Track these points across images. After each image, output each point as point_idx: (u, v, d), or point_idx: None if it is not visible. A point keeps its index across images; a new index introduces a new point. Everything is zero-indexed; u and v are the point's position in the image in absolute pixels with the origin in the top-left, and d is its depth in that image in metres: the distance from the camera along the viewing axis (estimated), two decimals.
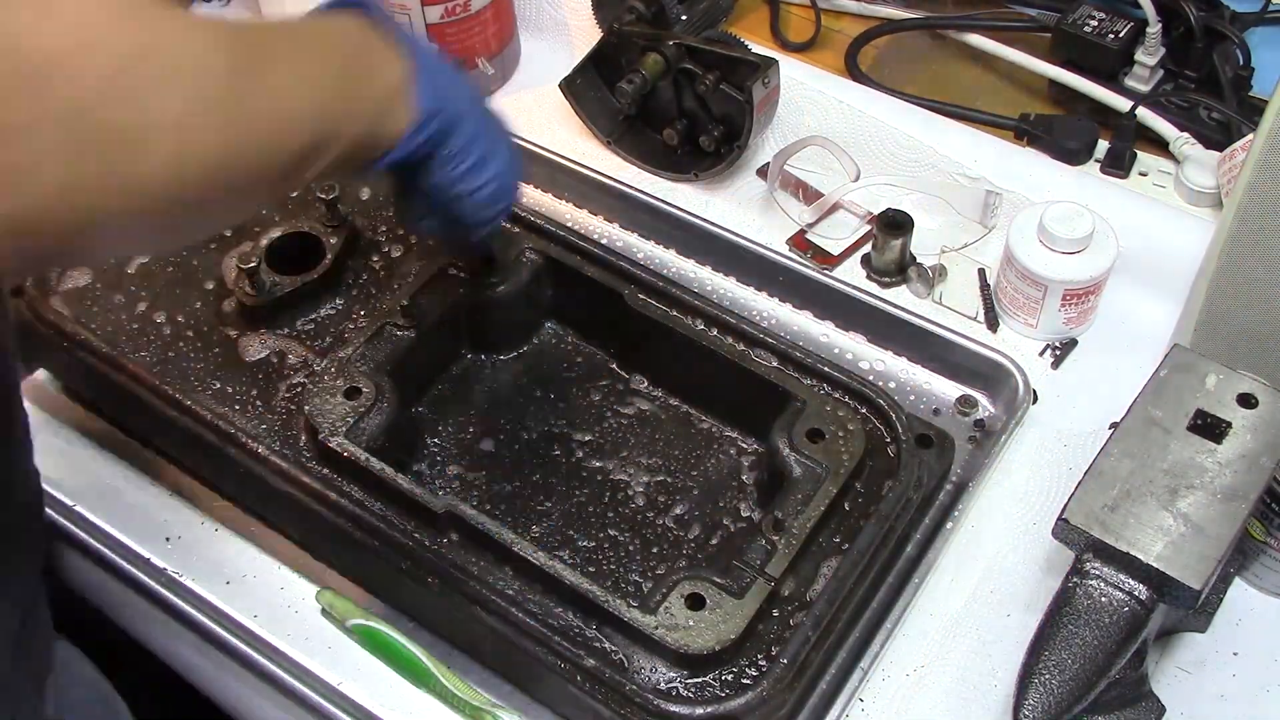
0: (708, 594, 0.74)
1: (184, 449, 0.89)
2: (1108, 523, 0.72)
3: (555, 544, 0.85)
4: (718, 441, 0.90)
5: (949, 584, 0.84)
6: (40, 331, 0.89)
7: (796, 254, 1.03)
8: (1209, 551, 0.71)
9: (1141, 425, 0.76)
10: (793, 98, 1.10)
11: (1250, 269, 0.81)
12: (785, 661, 0.73)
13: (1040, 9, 1.20)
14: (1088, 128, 1.10)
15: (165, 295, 0.92)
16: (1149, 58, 1.11)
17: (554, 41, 1.20)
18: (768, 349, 0.87)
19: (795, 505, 0.79)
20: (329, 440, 0.81)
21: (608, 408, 0.92)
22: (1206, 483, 0.73)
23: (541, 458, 0.89)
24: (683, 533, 0.85)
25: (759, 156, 1.09)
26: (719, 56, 1.03)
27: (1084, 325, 0.97)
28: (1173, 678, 0.80)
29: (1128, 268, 0.97)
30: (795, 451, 0.81)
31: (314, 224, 0.92)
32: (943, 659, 0.81)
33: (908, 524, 0.82)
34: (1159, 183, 1.07)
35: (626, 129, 1.11)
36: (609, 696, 0.73)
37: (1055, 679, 0.71)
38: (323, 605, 0.82)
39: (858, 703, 0.79)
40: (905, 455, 0.82)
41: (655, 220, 1.05)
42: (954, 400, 0.94)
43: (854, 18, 1.24)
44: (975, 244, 1.03)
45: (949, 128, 1.09)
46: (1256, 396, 0.76)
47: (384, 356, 0.86)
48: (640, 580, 0.83)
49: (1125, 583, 0.72)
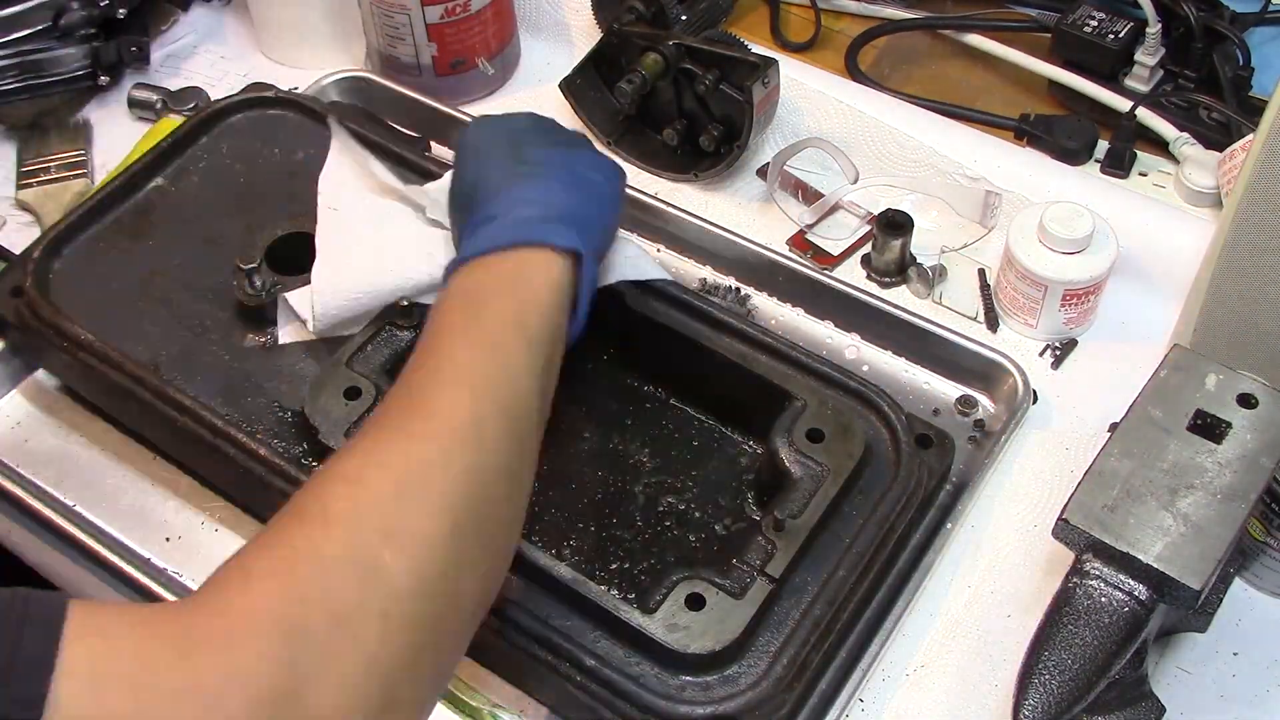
0: (708, 594, 0.74)
1: (184, 449, 0.89)
2: (1108, 523, 0.72)
3: (555, 544, 0.85)
4: (718, 441, 0.90)
5: (949, 584, 0.84)
6: (40, 331, 0.89)
7: (796, 254, 1.03)
8: (1209, 551, 0.71)
9: (1141, 425, 0.76)
10: (792, 98, 1.10)
11: (1250, 269, 0.81)
12: (785, 661, 0.73)
13: (1040, 9, 1.20)
14: (1088, 128, 1.10)
15: (165, 295, 0.92)
16: (1149, 58, 1.11)
17: (554, 41, 1.20)
18: (768, 349, 0.87)
19: (795, 505, 0.79)
20: (329, 440, 0.81)
21: (607, 408, 0.92)
22: (1206, 483, 0.73)
23: (541, 458, 0.89)
24: (683, 533, 0.85)
25: (759, 157, 1.09)
26: (719, 56, 1.03)
27: (1084, 325, 0.97)
28: (1173, 678, 0.80)
29: (1128, 268, 0.97)
30: (795, 452, 0.81)
31: (314, 224, 0.92)
32: (943, 659, 0.81)
33: (908, 524, 0.81)
34: (1159, 183, 1.07)
35: (626, 129, 1.11)
36: (609, 697, 0.73)
37: (1055, 679, 0.71)
38: None
39: (858, 703, 0.79)
40: (905, 455, 0.82)
41: (655, 220, 1.05)
42: (954, 400, 0.94)
43: (854, 18, 1.24)
44: (975, 244, 1.03)
45: (949, 128, 1.09)
46: (1256, 396, 0.76)
47: (384, 356, 0.86)
48: (640, 580, 0.83)
49: (1125, 583, 0.72)
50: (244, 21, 1.23)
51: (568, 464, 0.89)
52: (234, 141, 1.01)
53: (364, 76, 1.15)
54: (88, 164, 1.11)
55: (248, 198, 0.97)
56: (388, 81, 1.14)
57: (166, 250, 0.94)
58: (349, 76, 1.15)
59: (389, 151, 0.99)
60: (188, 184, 0.98)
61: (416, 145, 1.08)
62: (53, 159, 1.11)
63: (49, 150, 1.12)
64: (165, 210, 0.97)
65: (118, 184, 0.97)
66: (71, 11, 1.11)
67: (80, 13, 1.11)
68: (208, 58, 1.21)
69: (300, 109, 1.03)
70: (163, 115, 1.14)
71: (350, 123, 1.00)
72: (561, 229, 0.75)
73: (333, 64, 1.16)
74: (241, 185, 0.98)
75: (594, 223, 0.80)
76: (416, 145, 1.08)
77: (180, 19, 1.24)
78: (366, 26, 1.13)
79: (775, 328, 0.97)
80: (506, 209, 0.76)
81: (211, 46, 1.22)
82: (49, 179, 1.10)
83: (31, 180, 1.09)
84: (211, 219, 0.96)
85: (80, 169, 1.10)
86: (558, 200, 0.78)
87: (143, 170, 0.98)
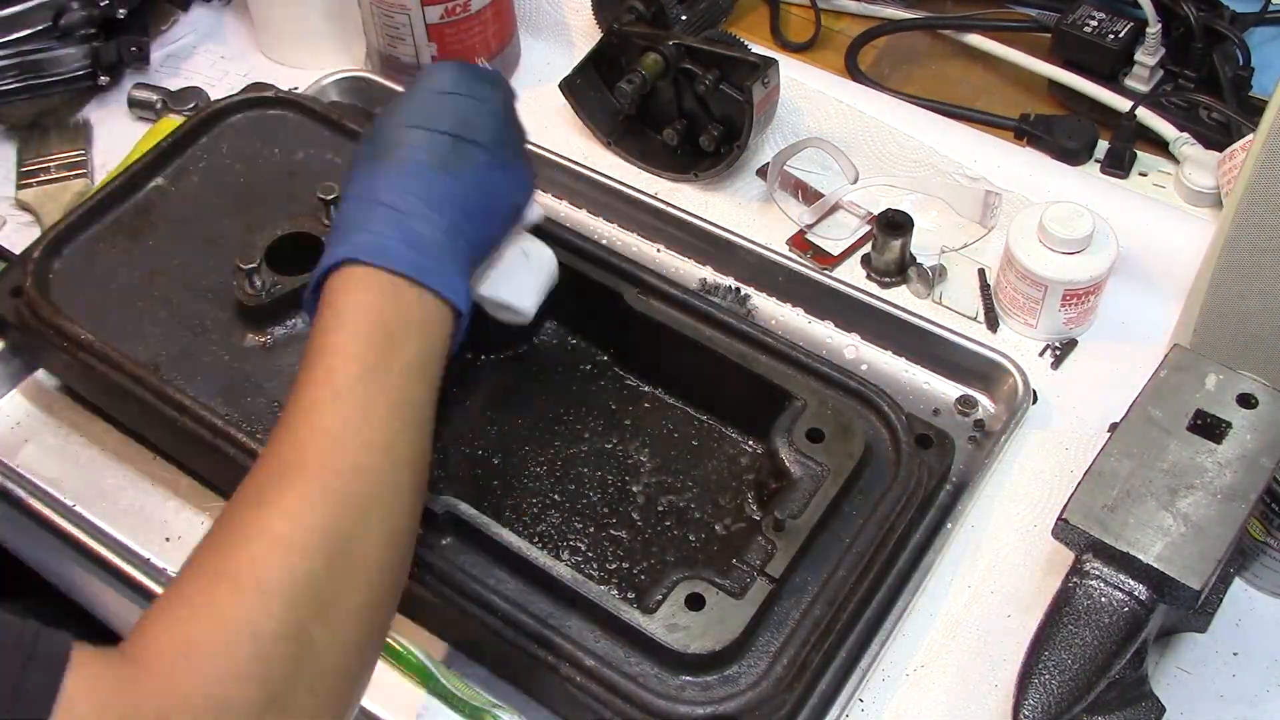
0: (708, 594, 0.74)
1: (184, 449, 0.89)
2: (1107, 523, 0.72)
3: (555, 544, 0.85)
4: (718, 441, 0.90)
5: (949, 584, 0.84)
6: (40, 331, 0.88)
7: (796, 254, 1.03)
8: (1209, 551, 0.71)
9: (1141, 425, 0.76)
10: (792, 98, 1.10)
11: (1250, 269, 0.81)
12: (785, 661, 0.73)
13: (1040, 9, 1.20)
14: (1088, 128, 1.10)
15: (165, 295, 0.92)
16: (1149, 58, 1.11)
17: (554, 41, 1.20)
18: (768, 349, 0.87)
19: (795, 505, 0.79)
20: None
21: (607, 408, 0.92)
22: (1206, 483, 0.73)
23: (541, 458, 0.89)
24: (683, 533, 0.85)
25: (759, 157, 1.09)
26: (719, 56, 1.03)
27: (1084, 325, 0.97)
28: (1173, 678, 0.80)
29: (1128, 268, 0.97)
30: (795, 452, 0.81)
31: (314, 224, 0.92)
32: (943, 659, 0.81)
33: (908, 524, 0.81)
34: (1159, 183, 1.07)
35: (626, 129, 1.11)
36: (609, 697, 0.73)
37: (1055, 679, 0.71)
38: None
39: (858, 703, 0.79)
40: (905, 455, 0.82)
41: (655, 220, 1.05)
42: (954, 400, 0.94)
43: (854, 18, 1.24)
44: (975, 244, 1.03)
45: (949, 128, 1.09)
46: (1256, 396, 0.76)
47: None
48: (640, 580, 0.83)
49: (1125, 583, 0.72)
50: (244, 21, 1.23)
51: (568, 464, 0.89)
52: (234, 141, 1.01)
53: (364, 76, 1.15)
54: (88, 164, 1.11)
55: (248, 198, 0.97)
56: (388, 81, 1.14)
57: (166, 250, 0.94)
58: (349, 76, 1.15)
59: None
60: (188, 184, 0.98)
61: None
62: (53, 159, 1.11)
63: (49, 150, 1.12)
64: (165, 210, 0.97)
65: (118, 184, 0.97)
66: (71, 11, 1.11)
67: (80, 13, 1.11)
68: (208, 58, 1.21)
69: (300, 109, 1.03)
70: (163, 115, 1.14)
71: (350, 123, 1.01)
72: (458, 280, 0.73)
73: (333, 64, 1.16)
74: (241, 185, 0.98)
75: (481, 252, 0.78)
76: None
77: (180, 19, 1.24)
78: (366, 26, 1.13)
79: (775, 328, 0.97)
80: (424, 214, 0.72)
81: (211, 46, 1.22)
82: (49, 179, 1.10)
83: (31, 180, 1.10)
84: (211, 219, 0.96)
85: (80, 169, 1.10)
86: (466, 230, 0.74)
87: (143, 170, 0.98)
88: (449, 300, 0.72)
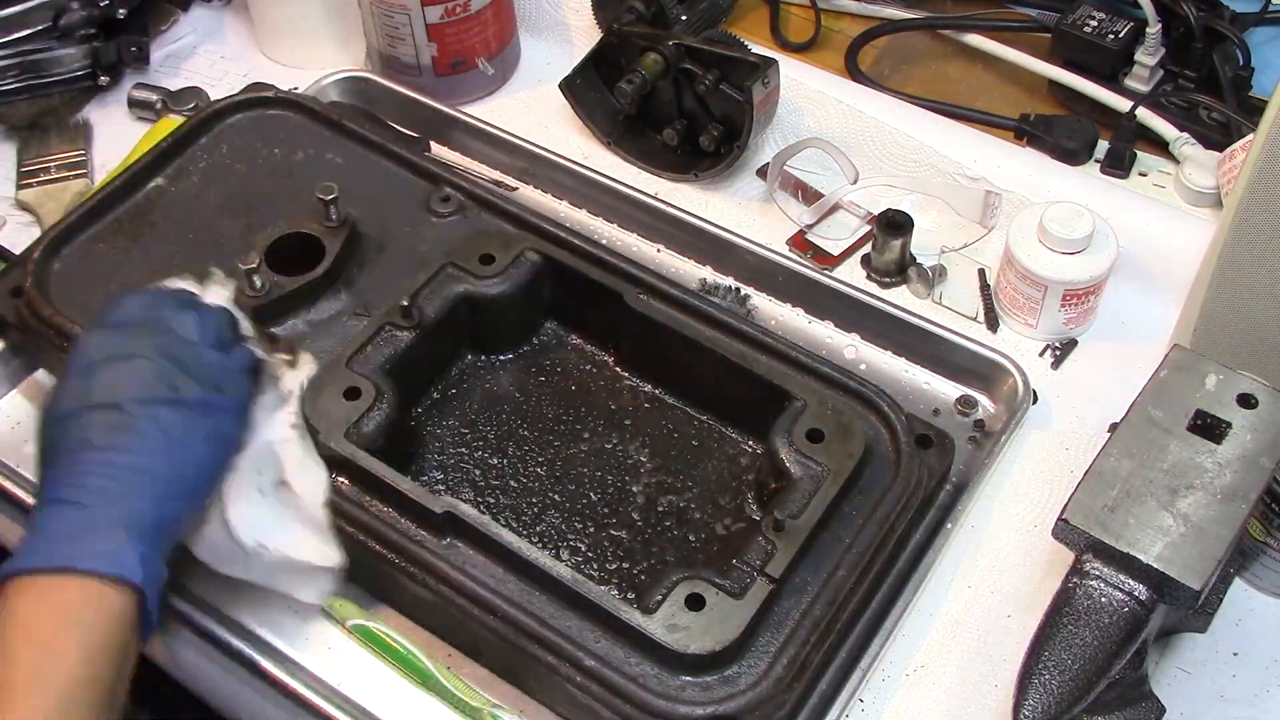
0: (708, 594, 0.74)
1: None
2: (1108, 523, 0.72)
3: (555, 544, 0.85)
4: (718, 441, 0.90)
5: (949, 584, 0.84)
6: (40, 331, 0.88)
7: (796, 254, 1.03)
8: (1209, 551, 0.71)
9: (1141, 425, 0.76)
10: (792, 98, 1.10)
11: (1250, 269, 0.81)
12: (785, 662, 0.73)
13: (1040, 9, 1.20)
14: (1088, 128, 1.10)
15: None
16: (1149, 58, 1.11)
17: (554, 41, 1.20)
18: (768, 349, 0.87)
19: (795, 505, 0.79)
20: (328, 440, 0.80)
21: (607, 408, 0.92)
22: (1206, 483, 0.73)
23: (541, 458, 0.89)
24: (683, 533, 0.85)
25: (759, 157, 1.09)
26: (719, 56, 1.03)
27: (1084, 325, 0.97)
28: (1173, 678, 0.80)
29: (1128, 268, 0.97)
30: (795, 452, 0.81)
31: (314, 224, 0.92)
32: (943, 659, 0.81)
33: (908, 524, 0.81)
34: (1159, 183, 1.07)
35: (626, 129, 1.11)
36: (609, 697, 0.73)
37: (1055, 679, 0.71)
38: (323, 606, 0.82)
39: (858, 703, 0.79)
40: (905, 456, 0.82)
41: (655, 220, 1.05)
42: (954, 400, 0.94)
43: (854, 18, 1.24)
44: (975, 244, 1.03)
45: (949, 128, 1.09)
46: (1256, 396, 0.76)
47: (384, 356, 0.86)
48: (640, 580, 0.83)
49: (1125, 583, 0.72)
50: (244, 21, 1.23)
51: (568, 464, 0.89)
52: (234, 141, 1.01)
53: (364, 76, 1.15)
54: (88, 164, 1.11)
55: (247, 198, 0.97)
56: (388, 81, 1.14)
57: (166, 250, 0.94)
58: (349, 76, 1.15)
59: (389, 152, 0.99)
60: (187, 184, 0.98)
61: (416, 145, 1.08)
62: (53, 159, 1.11)
63: (49, 150, 1.12)
64: (165, 210, 0.97)
65: (118, 184, 0.97)
66: (71, 11, 1.11)
67: (80, 13, 1.12)
68: (208, 58, 1.21)
69: (300, 109, 1.03)
70: (163, 115, 1.14)
71: (350, 123, 1.01)
72: (127, 552, 0.68)
73: (333, 64, 1.16)
74: (241, 185, 0.98)
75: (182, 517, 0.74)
76: (416, 145, 1.08)
77: (180, 19, 1.24)
78: (366, 26, 1.13)
79: (775, 328, 0.97)
80: (87, 499, 0.69)
81: (211, 46, 1.22)
82: (49, 179, 1.10)
83: (31, 180, 1.10)
84: (211, 219, 0.96)
85: (80, 169, 1.10)
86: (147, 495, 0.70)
87: (143, 170, 0.98)
88: (116, 577, 0.68)
